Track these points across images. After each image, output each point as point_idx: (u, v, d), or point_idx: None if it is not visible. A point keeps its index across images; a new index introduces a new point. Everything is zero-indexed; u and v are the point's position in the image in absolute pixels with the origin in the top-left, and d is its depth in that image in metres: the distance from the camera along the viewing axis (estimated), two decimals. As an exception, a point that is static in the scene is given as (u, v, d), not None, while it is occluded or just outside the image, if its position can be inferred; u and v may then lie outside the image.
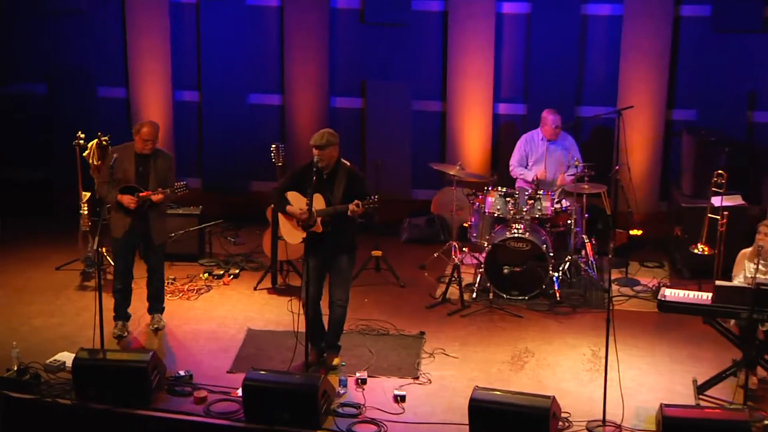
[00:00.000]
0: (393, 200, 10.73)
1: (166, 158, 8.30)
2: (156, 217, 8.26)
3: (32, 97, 11.70)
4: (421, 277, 9.84)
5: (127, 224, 8.19)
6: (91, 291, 9.18)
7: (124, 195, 8.10)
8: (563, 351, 8.24)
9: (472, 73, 10.94)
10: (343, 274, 7.64)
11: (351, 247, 7.67)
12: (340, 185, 7.48)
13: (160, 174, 8.20)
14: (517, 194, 9.40)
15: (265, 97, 11.50)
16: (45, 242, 10.54)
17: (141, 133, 8.12)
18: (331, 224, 7.49)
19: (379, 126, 11.30)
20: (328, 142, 7.45)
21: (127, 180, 8.14)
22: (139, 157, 8.18)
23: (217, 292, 9.44)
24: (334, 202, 7.46)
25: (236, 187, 11.60)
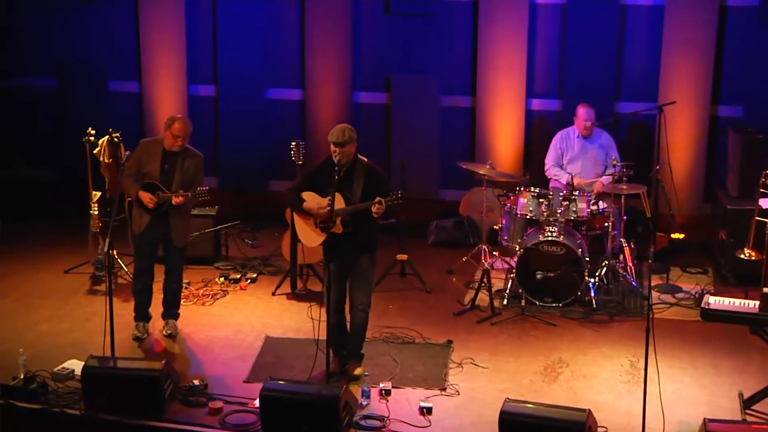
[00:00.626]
0: (419, 201, 10.73)
1: (196, 158, 8.30)
2: (177, 218, 8.27)
3: (41, 91, 11.79)
4: (449, 283, 9.83)
5: (145, 221, 8.23)
6: (101, 295, 9.23)
7: (145, 192, 8.13)
8: (599, 362, 8.20)
9: (504, 66, 10.92)
10: (364, 276, 7.63)
11: (372, 247, 7.67)
12: (359, 183, 7.48)
13: (187, 174, 8.21)
14: (550, 195, 9.37)
15: (285, 91, 11.52)
16: (53, 244, 10.61)
17: (172, 128, 8.12)
18: (352, 224, 7.49)
19: (405, 123, 11.29)
20: (350, 139, 7.46)
21: (152, 176, 8.17)
22: (166, 154, 8.20)
23: (233, 297, 9.46)
24: (354, 201, 7.46)
25: (254, 186, 11.63)
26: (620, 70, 10.82)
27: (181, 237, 8.35)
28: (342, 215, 7.45)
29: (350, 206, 7.46)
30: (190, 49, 11.48)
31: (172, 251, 8.38)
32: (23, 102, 11.80)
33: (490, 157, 10.53)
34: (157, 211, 8.16)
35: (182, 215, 8.29)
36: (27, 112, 11.82)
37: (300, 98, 11.49)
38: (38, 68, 11.75)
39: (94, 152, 9.54)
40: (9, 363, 7.83)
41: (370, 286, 7.72)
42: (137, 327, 8.51)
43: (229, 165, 11.66)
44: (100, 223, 9.60)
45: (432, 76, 11.18)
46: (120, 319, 8.52)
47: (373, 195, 7.40)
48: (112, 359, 7.51)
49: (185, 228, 8.39)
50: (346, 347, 7.85)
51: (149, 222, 8.22)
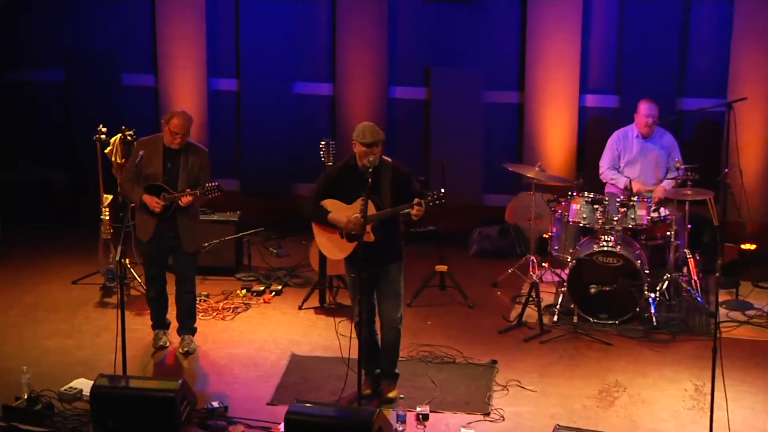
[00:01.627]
0: (461, 207, 10.71)
1: (199, 154, 8.34)
2: (185, 221, 8.31)
3: (47, 85, 11.88)
4: (493, 297, 9.80)
5: (153, 227, 8.27)
6: (112, 308, 9.27)
7: (150, 196, 8.17)
8: (661, 385, 8.14)
9: (555, 59, 10.88)
10: (394, 288, 7.61)
11: (400, 256, 7.65)
12: (386, 185, 7.46)
13: (192, 172, 8.25)
14: (606, 201, 9.32)
15: (314, 86, 11.54)
16: (60, 252, 10.69)
17: (170, 124, 8.17)
18: (382, 230, 7.48)
19: (446, 120, 11.28)
20: (381, 138, 7.45)
21: (154, 177, 8.21)
22: (168, 152, 8.24)
23: (256, 311, 9.48)
24: (384, 205, 7.45)
25: (279, 190, 11.66)
26: (684, 62, 10.76)
27: (192, 242, 8.37)
28: (373, 221, 7.42)
29: (386, 210, 7.43)
30: (210, 38, 11.53)
31: (182, 259, 8.41)
32: (27, 97, 11.89)
33: (540, 159, 10.48)
34: (164, 215, 8.20)
35: (190, 217, 8.32)
36: (32, 108, 11.92)
37: (330, 93, 11.51)
38: (44, 60, 11.84)
39: (105, 152, 9.59)
40: (12, 381, 7.88)
41: (401, 299, 7.70)
42: (156, 336, 8.57)
43: (252, 166, 11.69)
44: (111, 229, 9.65)
45: (475, 69, 11.16)
46: (132, 334, 8.55)
47: (402, 197, 7.37)
48: (123, 378, 7.54)
49: (195, 231, 8.41)
50: (379, 367, 7.84)
51: (156, 227, 8.26)
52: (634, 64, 10.79)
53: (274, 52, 11.41)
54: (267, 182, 11.66)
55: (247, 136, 11.68)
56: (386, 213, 7.43)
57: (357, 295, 7.50)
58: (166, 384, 7.42)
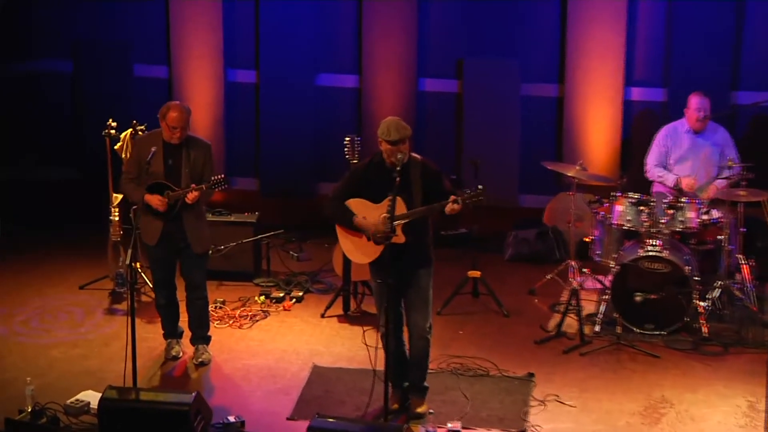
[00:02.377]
0: (495, 208, 10.67)
1: (202, 147, 8.35)
2: (192, 220, 8.31)
3: (54, 75, 11.95)
4: (530, 305, 9.78)
5: (159, 229, 8.29)
6: (122, 315, 9.31)
7: (153, 195, 8.19)
8: (712, 401, 8.09)
9: (598, 49, 10.85)
10: (423, 295, 7.60)
11: (430, 261, 7.64)
12: (416, 183, 7.44)
13: (195, 167, 8.26)
14: (653, 202, 9.28)
15: (338, 78, 11.55)
16: (67, 255, 10.74)
17: (167, 118, 8.18)
18: (412, 232, 7.47)
19: (479, 115, 11.26)
20: (408, 132, 7.44)
21: (155, 176, 8.24)
22: (168, 148, 8.26)
23: (275, 319, 9.49)
24: (414, 205, 7.44)
25: (301, 189, 11.67)
26: (738, 53, 10.69)
27: (200, 241, 8.39)
28: (402, 222, 7.40)
29: (418, 209, 7.41)
30: (227, 27, 11.56)
31: (191, 261, 8.41)
32: (33, 88, 11.95)
33: (581, 157, 10.45)
34: (169, 214, 8.21)
35: (196, 215, 8.33)
36: (37, 101, 11.98)
37: (355, 86, 11.51)
38: (51, 49, 11.91)
39: (115, 148, 9.62)
40: (15, 393, 7.92)
41: (430, 307, 7.68)
42: (168, 345, 8.60)
43: (272, 164, 11.71)
44: (121, 231, 9.67)
45: (511, 59, 11.13)
46: (143, 343, 8.58)
47: (433, 196, 7.37)
48: (133, 390, 7.56)
49: (202, 230, 8.41)
50: (407, 379, 7.83)
51: (162, 229, 8.27)
52: (684, 55, 10.73)
53: (296, 41, 11.43)
54: (288, 181, 11.67)
55: (266, 132, 11.70)
56: (418, 212, 7.41)
57: (383, 302, 7.49)
58: (179, 397, 7.43)
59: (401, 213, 7.38)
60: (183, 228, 8.29)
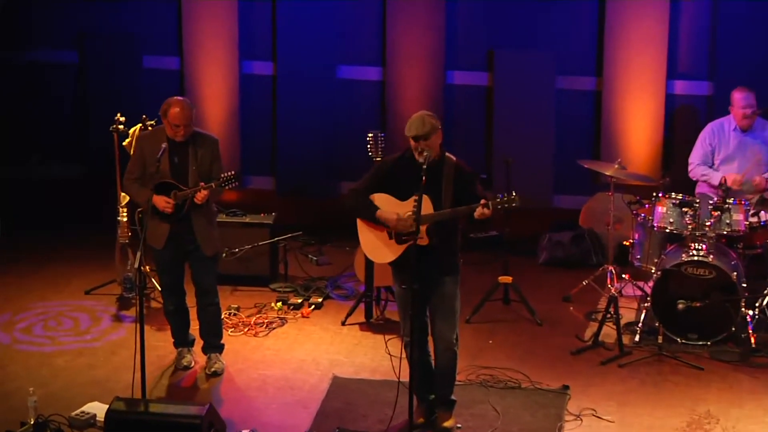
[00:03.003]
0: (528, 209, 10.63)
1: (209, 143, 8.33)
2: (201, 221, 8.30)
3: (59, 67, 11.99)
4: (565, 313, 9.76)
5: (166, 232, 8.29)
6: (130, 322, 9.33)
7: (159, 196, 8.18)
8: (760, 417, 8.05)
9: (639, 38, 10.83)
10: (449, 304, 7.58)
11: (457, 267, 7.62)
12: (448, 183, 7.43)
13: (203, 165, 8.24)
14: (697, 203, 9.24)
15: (361, 70, 11.56)
16: (72, 258, 10.77)
17: (168, 116, 8.16)
18: (438, 234, 7.45)
19: (511, 109, 11.25)
20: (432, 128, 7.41)
21: (161, 175, 8.24)
22: (174, 146, 8.26)
23: (293, 326, 9.50)
24: (443, 206, 7.42)
25: (320, 188, 11.69)
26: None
27: (210, 243, 8.38)
28: (429, 222, 7.39)
29: (444, 210, 7.40)
30: (243, 16, 11.58)
31: (200, 265, 8.41)
32: (36, 81, 12.00)
33: (620, 155, 10.43)
34: (177, 216, 8.21)
35: (204, 215, 8.31)
36: (41, 95, 12.03)
37: (379, 78, 11.52)
38: (55, 39, 11.96)
39: (123, 144, 9.64)
40: (17, 404, 7.94)
41: (457, 316, 7.66)
42: (179, 354, 8.61)
43: (290, 161, 11.72)
44: (129, 233, 9.70)
45: (545, 50, 11.13)
46: (153, 352, 8.59)
47: (463, 201, 7.35)
48: (142, 402, 7.57)
49: (212, 231, 8.41)
50: (434, 392, 7.82)
51: (170, 231, 8.28)
52: (730, 46, 10.70)
53: (316, 31, 11.44)
54: (306, 180, 11.68)
55: (283, 127, 11.71)
56: (444, 214, 7.40)
57: (407, 309, 7.47)
58: (191, 409, 7.44)
59: (426, 213, 7.37)
60: (191, 229, 8.30)
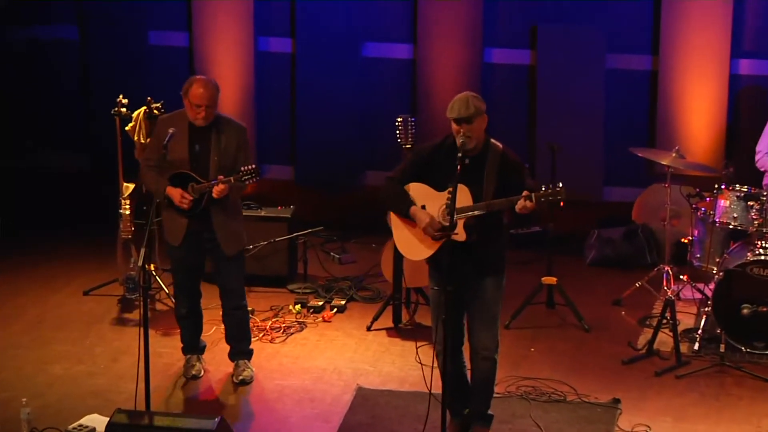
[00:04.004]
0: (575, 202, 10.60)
1: (235, 130, 8.30)
2: (221, 216, 8.27)
3: (56, 45, 12.03)
4: (616, 318, 9.75)
5: (183, 227, 8.29)
6: (133, 326, 9.36)
7: (175, 189, 8.17)
8: (833, 435, 8.03)
9: (699, 12, 10.79)
10: (489, 308, 7.55)
11: (500, 267, 7.58)
12: (491, 173, 7.40)
13: (226, 154, 8.21)
14: (764, 196, 9.20)
15: (389, 47, 11.56)
16: (70, 255, 10.84)
17: (189, 95, 8.13)
18: (477, 230, 7.43)
19: (556, 91, 11.24)
20: (477, 111, 7.38)
21: (179, 164, 8.21)
22: (195, 131, 8.24)
23: (314, 332, 9.51)
24: (485, 198, 7.40)
25: (344, 178, 11.71)
26: None
27: (232, 241, 8.35)
28: (466, 216, 7.37)
29: (478, 204, 7.39)
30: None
31: (224, 264, 8.40)
32: (32, 61, 12.04)
33: (677, 142, 10.38)
34: (194, 211, 8.19)
35: (227, 211, 8.27)
36: (37, 74, 12.07)
37: (409, 56, 11.52)
38: (53, 15, 11.99)
39: (126, 129, 9.67)
40: (9, 416, 7.97)
41: (497, 322, 7.63)
42: (188, 363, 8.62)
43: (310, 148, 11.74)
44: (133, 227, 9.72)
45: (595, 26, 11.09)
46: (158, 359, 8.61)
47: (510, 192, 7.31)
48: (146, 414, 7.58)
49: (235, 227, 8.37)
50: (469, 405, 7.82)
51: (187, 227, 8.26)
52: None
53: (339, 4, 11.44)
54: (328, 169, 11.69)
55: (303, 110, 11.72)
56: (480, 206, 7.38)
57: (440, 313, 7.46)
58: (200, 422, 7.45)
59: (460, 206, 7.34)
60: (211, 225, 8.28)
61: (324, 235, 11.02)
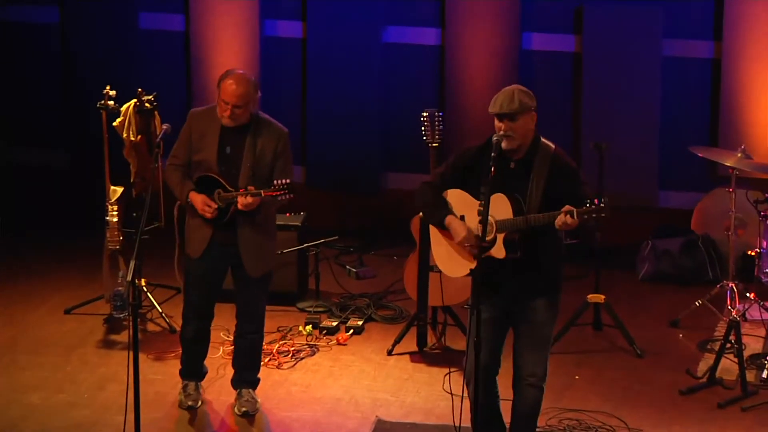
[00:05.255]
0: (626, 209, 10.62)
1: (275, 134, 8.22)
2: (247, 232, 8.23)
3: (35, 28, 12.04)
4: (673, 341, 9.74)
5: (206, 238, 8.27)
6: (121, 349, 9.36)
7: (199, 195, 8.13)
8: None
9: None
10: (540, 332, 7.54)
11: (552, 288, 7.56)
12: (539, 180, 7.37)
13: (261, 160, 8.15)
14: (843, 203, 9.20)
15: (413, 32, 11.56)
16: (49, 268, 10.84)
17: (221, 88, 8.12)
18: (522, 246, 7.42)
19: (605, 82, 11.23)
20: (522, 107, 7.36)
21: (207, 166, 8.18)
22: (227, 131, 8.22)
23: (327, 356, 9.51)
24: (529, 208, 7.38)
25: (362, 181, 11.73)
26: None
27: (258, 261, 8.29)
28: (506, 230, 7.36)
29: (516, 218, 7.37)
30: (265, -35, 11.65)
31: (244, 285, 8.36)
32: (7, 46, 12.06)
33: (743, 141, 10.36)
34: (220, 221, 8.17)
35: (256, 225, 8.24)
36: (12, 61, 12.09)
37: (437, 42, 11.52)
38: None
39: (114, 125, 9.68)
40: (-21, 452, 8.02)
41: (547, 349, 7.61)
42: (185, 390, 8.60)
43: (323, 146, 11.76)
44: (121, 237, 9.72)
45: (650, 8, 11.09)
46: (150, 387, 8.61)
47: (563, 201, 7.28)
48: (136, 450, 7.60)
49: (263, 246, 8.33)
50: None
51: (211, 238, 8.23)
52: None
53: (357, -16, 11.50)
54: (344, 170, 11.71)
55: (315, 103, 11.74)
56: (515, 223, 7.36)
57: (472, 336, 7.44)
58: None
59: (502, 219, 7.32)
60: (236, 240, 8.25)
61: (339, 245, 11.03)
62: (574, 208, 7.12)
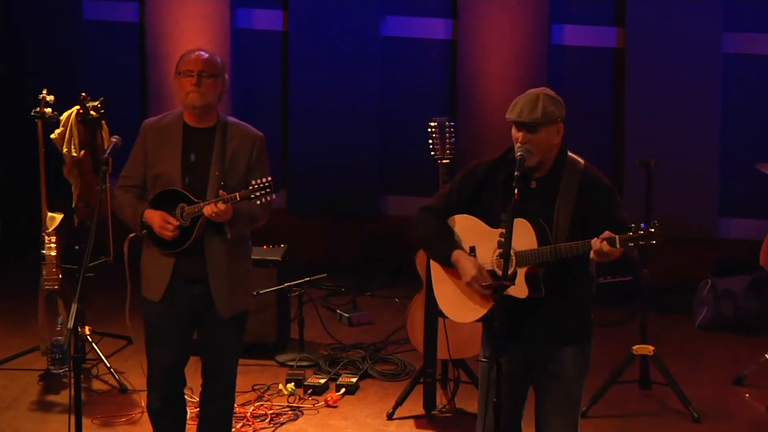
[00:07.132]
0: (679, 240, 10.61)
1: (247, 138, 8.03)
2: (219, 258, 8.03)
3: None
4: (738, 402, 9.72)
5: (167, 272, 8.10)
6: (60, 413, 9.32)
7: (156, 211, 8.03)
8: None
9: None
10: (567, 390, 7.50)
11: (583, 334, 7.53)
12: (567, 202, 7.32)
13: (233, 167, 7.99)
14: None
15: (418, 24, 11.60)
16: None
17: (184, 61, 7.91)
18: (547, 282, 7.38)
19: (652, 85, 11.25)
20: (546, 117, 7.32)
21: (167, 180, 8.07)
22: (191, 135, 8.12)
23: (312, 421, 9.48)
24: (556, 237, 7.35)
25: (357, 206, 11.74)
26: None
27: (231, 296, 8.05)
28: (528, 264, 7.33)
29: (547, 248, 7.34)
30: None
31: (213, 330, 8.17)
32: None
33: (822, 155, 10.37)
34: (182, 245, 8.05)
35: (228, 251, 8.11)
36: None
37: (447, 36, 11.56)
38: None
39: (52, 137, 9.66)
40: None
41: (578, 409, 7.59)
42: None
43: (309, 163, 11.77)
44: (60, 275, 9.70)
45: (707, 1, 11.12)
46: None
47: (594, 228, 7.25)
48: None
49: (237, 277, 8.17)
50: None
51: (174, 273, 8.09)
52: None
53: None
54: (334, 192, 11.72)
55: (299, 111, 11.76)
56: (542, 254, 7.32)
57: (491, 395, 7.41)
58: None
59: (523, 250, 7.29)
60: (204, 272, 8.11)
61: (328, 285, 11.04)
62: (615, 235, 7.06)
